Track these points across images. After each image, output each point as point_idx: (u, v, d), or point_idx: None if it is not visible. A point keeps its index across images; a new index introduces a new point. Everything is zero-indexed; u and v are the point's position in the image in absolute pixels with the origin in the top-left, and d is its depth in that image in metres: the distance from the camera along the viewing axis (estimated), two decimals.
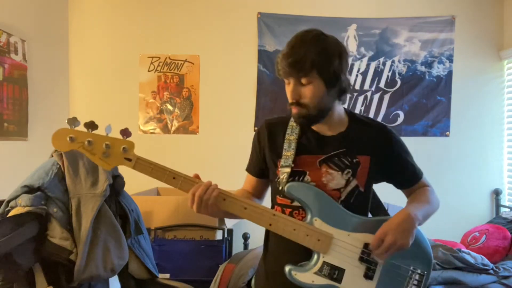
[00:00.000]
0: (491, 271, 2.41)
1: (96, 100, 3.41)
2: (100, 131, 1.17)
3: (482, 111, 3.37)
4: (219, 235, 2.72)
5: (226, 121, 3.38)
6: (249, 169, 1.40)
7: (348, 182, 1.23)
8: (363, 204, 1.28)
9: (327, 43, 1.18)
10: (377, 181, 1.32)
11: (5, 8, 2.64)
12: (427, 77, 3.36)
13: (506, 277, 2.38)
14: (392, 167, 1.29)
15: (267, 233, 1.34)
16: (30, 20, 2.89)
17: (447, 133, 3.36)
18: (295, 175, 1.23)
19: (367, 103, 3.37)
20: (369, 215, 1.32)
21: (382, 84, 3.37)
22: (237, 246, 2.95)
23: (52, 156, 1.86)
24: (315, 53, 1.15)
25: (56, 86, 3.24)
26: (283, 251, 1.26)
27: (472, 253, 2.50)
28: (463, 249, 2.58)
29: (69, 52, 3.41)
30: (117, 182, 1.93)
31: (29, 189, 1.69)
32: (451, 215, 3.26)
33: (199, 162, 3.29)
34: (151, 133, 3.39)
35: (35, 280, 1.65)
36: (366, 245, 1.19)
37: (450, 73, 3.35)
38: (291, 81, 1.20)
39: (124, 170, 2.05)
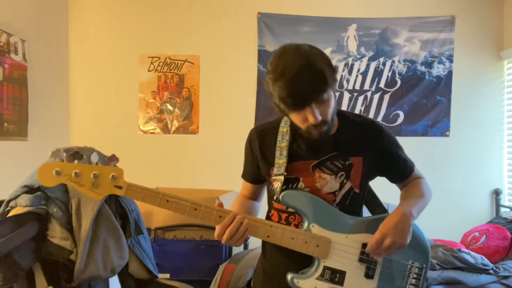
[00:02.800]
0: (491, 271, 2.41)
1: (96, 100, 3.41)
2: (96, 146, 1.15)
3: (482, 111, 3.37)
4: None
5: (226, 121, 3.38)
6: (244, 177, 1.40)
7: (342, 184, 1.23)
8: (358, 205, 1.29)
9: (320, 52, 1.13)
10: (371, 178, 1.33)
11: (5, 8, 2.64)
12: (427, 77, 3.36)
13: (506, 277, 2.38)
14: (384, 163, 1.30)
15: None
16: (30, 20, 2.89)
17: (447, 133, 3.36)
18: (288, 182, 1.23)
19: (367, 103, 3.37)
20: (367, 211, 1.34)
21: (382, 84, 3.37)
22: None
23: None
24: (323, 63, 1.09)
25: (56, 86, 3.24)
26: (281, 255, 1.26)
27: (472, 253, 2.50)
28: (463, 249, 2.58)
29: (69, 52, 3.41)
30: None
31: (29, 189, 1.69)
32: (451, 215, 3.27)
33: (199, 162, 3.29)
34: (151, 133, 3.39)
35: (35, 280, 1.65)
36: (364, 246, 1.20)
37: (450, 73, 3.35)
38: (309, 109, 1.10)
39: (124, 170, 2.05)
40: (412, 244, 1.22)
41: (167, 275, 2.52)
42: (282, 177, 1.22)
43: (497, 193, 3.32)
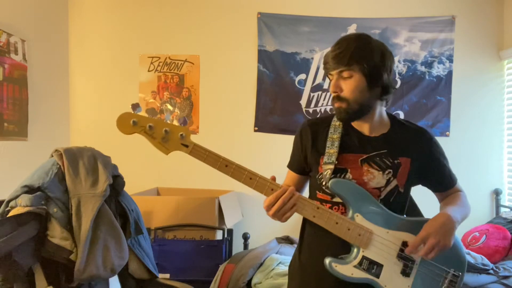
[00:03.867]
0: (491, 271, 2.41)
1: (96, 100, 3.41)
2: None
3: (482, 111, 3.37)
4: (219, 235, 2.72)
5: (226, 121, 3.38)
6: (290, 166, 1.44)
7: (388, 182, 1.27)
8: (401, 204, 1.32)
9: (370, 41, 1.25)
10: (415, 183, 1.36)
11: (5, 8, 2.65)
12: (427, 77, 3.36)
13: (506, 277, 2.38)
14: (430, 171, 1.34)
15: (303, 226, 1.38)
16: (30, 20, 2.89)
17: (447, 133, 3.36)
18: (337, 172, 1.27)
19: None
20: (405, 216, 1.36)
21: None
22: (237, 246, 2.96)
23: (52, 156, 1.86)
24: (355, 47, 1.21)
25: (56, 86, 3.25)
26: (318, 244, 1.30)
27: (472, 253, 2.50)
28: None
29: (69, 52, 3.41)
30: (117, 182, 1.93)
31: (29, 189, 1.69)
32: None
33: (199, 162, 3.28)
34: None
35: (35, 280, 1.65)
36: (404, 243, 1.23)
37: (450, 73, 3.35)
38: (334, 75, 1.24)
39: (124, 170, 2.06)
40: (451, 251, 1.24)
41: (167, 275, 2.52)
42: (332, 166, 1.26)
43: (497, 193, 3.32)
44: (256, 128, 3.37)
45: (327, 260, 1.22)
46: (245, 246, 2.98)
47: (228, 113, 3.39)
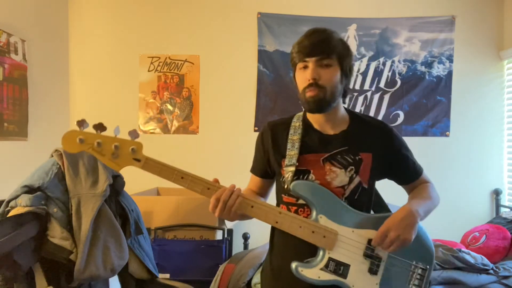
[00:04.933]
0: (491, 271, 2.41)
1: (96, 100, 3.41)
2: (109, 132, 1.19)
3: (482, 111, 3.37)
4: (219, 235, 2.72)
5: (226, 121, 3.38)
6: (253, 170, 1.43)
7: (351, 179, 1.25)
8: (366, 201, 1.30)
9: (342, 38, 1.27)
10: (379, 178, 1.35)
11: (5, 8, 2.64)
12: (427, 77, 3.36)
13: (506, 277, 2.38)
14: (393, 164, 1.32)
15: (273, 231, 1.36)
16: (30, 20, 2.89)
17: (447, 133, 3.36)
18: (299, 173, 1.26)
19: (367, 103, 3.37)
20: (371, 212, 1.35)
21: (382, 84, 3.37)
22: (237, 246, 2.96)
23: (52, 156, 1.86)
24: (337, 40, 1.23)
25: (56, 86, 3.25)
26: (288, 248, 1.28)
27: (472, 253, 2.50)
28: (463, 249, 2.58)
29: (69, 52, 3.41)
30: (117, 182, 1.93)
31: (29, 189, 1.69)
32: (451, 215, 3.27)
33: (199, 162, 3.28)
34: (151, 133, 3.39)
35: (35, 280, 1.65)
36: (370, 241, 1.22)
37: (450, 73, 3.35)
38: (310, 62, 1.21)
39: (124, 170, 2.05)
40: (417, 245, 1.23)
41: (167, 275, 2.52)
42: (293, 168, 1.24)
43: (497, 193, 3.32)
44: (256, 128, 3.37)
45: (293, 265, 1.20)
46: (245, 246, 2.98)
47: (228, 113, 3.39)
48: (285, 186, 1.26)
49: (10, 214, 1.64)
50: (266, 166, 1.37)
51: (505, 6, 3.34)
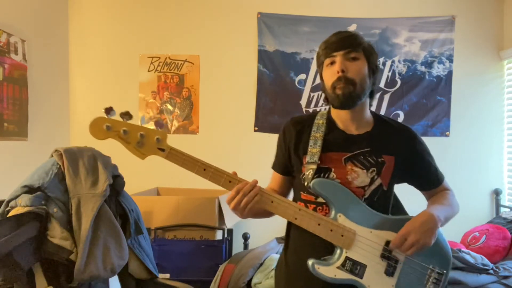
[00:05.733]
0: (491, 271, 2.41)
1: (96, 100, 3.41)
2: (135, 121, 1.19)
3: (482, 111, 3.37)
4: (219, 235, 2.72)
5: (226, 121, 3.38)
6: (275, 167, 1.42)
7: (372, 180, 1.25)
8: (385, 203, 1.30)
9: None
10: (399, 181, 1.35)
11: (5, 8, 2.64)
12: (427, 77, 3.36)
13: (506, 277, 2.38)
14: (415, 168, 1.32)
15: (289, 228, 1.36)
16: (30, 20, 2.89)
17: (447, 133, 3.36)
18: (320, 171, 1.25)
19: None
20: (390, 214, 1.35)
21: (382, 84, 3.37)
22: (237, 246, 2.96)
23: (52, 156, 1.86)
24: (362, 38, 1.27)
25: (56, 86, 3.25)
26: (304, 245, 1.28)
27: (472, 253, 2.50)
28: (463, 249, 2.58)
29: (69, 52, 3.41)
30: (117, 182, 1.93)
31: (29, 189, 1.69)
32: (454, 216, 3.26)
33: None
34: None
35: (35, 280, 1.65)
36: (387, 243, 1.22)
37: (450, 73, 3.35)
38: (338, 56, 1.23)
39: (124, 170, 2.05)
40: (435, 250, 1.23)
41: (167, 275, 2.51)
42: (315, 165, 1.24)
43: (497, 193, 3.32)
44: (256, 128, 3.37)
45: (310, 262, 1.20)
46: (245, 246, 2.98)
47: (228, 113, 3.39)
48: (306, 184, 1.25)
49: (10, 214, 1.64)
50: (288, 163, 1.35)
51: (505, 6, 3.34)
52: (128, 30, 3.40)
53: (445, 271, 1.26)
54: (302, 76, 3.35)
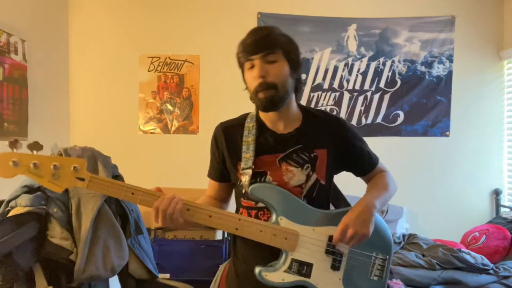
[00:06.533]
0: (491, 271, 2.41)
1: (96, 100, 3.41)
2: (46, 151, 1.10)
3: (482, 111, 3.37)
4: (219, 235, 2.72)
5: None
6: (210, 175, 1.41)
7: (308, 177, 1.25)
8: (325, 197, 1.30)
9: (283, 32, 1.25)
10: (336, 172, 1.34)
11: (5, 8, 2.64)
12: (427, 77, 3.36)
13: (506, 277, 2.38)
14: (348, 156, 1.32)
15: (234, 237, 1.34)
16: (30, 20, 2.89)
17: (447, 133, 3.36)
18: (256, 176, 1.24)
19: (367, 103, 3.37)
20: (331, 206, 1.35)
21: (382, 84, 3.37)
22: None
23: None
24: (280, 34, 1.22)
25: (56, 86, 3.24)
26: (251, 252, 1.27)
27: (472, 253, 2.50)
28: (463, 249, 2.58)
29: (69, 52, 3.41)
30: None
31: (29, 189, 1.69)
32: (451, 215, 3.27)
33: (199, 162, 3.27)
34: (151, 133, 3.39)
35: (35, 280, 1.65)
36: (330, 238, 1.22)
37: (450, 73, 3.35)
38: (256, 60, 1.20)
39: (124, 170, 2.05)
40: (376, 237, 1.24)
41: (167, 275, 2.52)
42: (250, 171, 1.23)
43: (497, 193, 3.32)
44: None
45: (257, 270, 1.19)
46: None
47: (228, 113, 3.35)
48: (243, 191, 1.24)
49: (10, 214, 1.64)
50: (223, 170, 1.34)
51: (505, 6, 3.34)
52: (128, 30, 3.40)
53: (387, 256, 1.28)
54: (302, 76, 3.34)
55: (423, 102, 3.36)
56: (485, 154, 3.37)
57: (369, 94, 3.37)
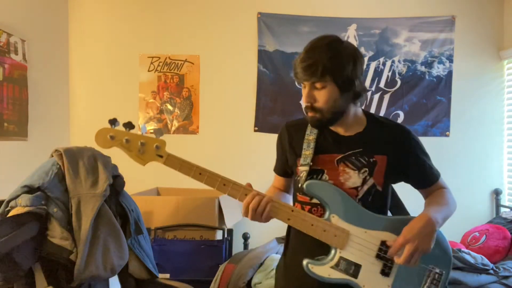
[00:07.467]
0: (491, 271, 2.41)
1: (96, 100, 3.41)
2: (136, 130, 1.30)
3: (482, 111, 3.37)
4: (219, 235, 2.72)
5: (226, 121, 3.38)
6: (275, 170, 1.48)
7: (364, 181, 1.26)
8: (381, 203, 1.31)
9: (341, 49, 1.22)
10: (395, 181, 1.35)
11: (5, 8, 2.64)
12: (427, 77, 3.36)
13: (506, 277, 2.38)
14: (409, 167, 1.32)
15: (289, 228, 1.38)
16: (30, 20, 2.89)
17: (447, 133, 3.36)
18: (313, 173, 1.28)
19: (367, 103, 3.37)
20: (389, 213, 1.35)
21: (382, 84, 3.37)
22: (237, 246, 2.96)
23: (52, 156, 1.86)
24: (327, 58, 1.19)
25: (56, 86, 3.25)
26: (302, 245, 1.30)
27: (472, 253, 2.50)
28: (463, 249, 2.58)
29: (69, 52, 3.41)
30: (117, 182, 1.93)
31: (29, 189, 1.69)
32: (451, 215, 3.26)
33: (199, 162, 3.26)
34: (151, 133, 3.38)
35: (35, 280, 1.65)
36: (383, 243, 1.22)
37: (450, 73, 3.35)
38: (306, 85, 1.25)
39: (124, 170, 2.05)
40: (435, 250, 1.22)
41: (167, 275, 2.51)
42: (307, 167, 1.27)
43: (497, 193, 3.32)
44: (256, 128, 3.37)
45: (304, 262, 1.22)
46: (245, 246, 2.98)
47: (228, 113, 3.39)
48: (299, 185, 1.28)
49: (10, 214, 1.64)
50: (286, 166, 1.41)
51: (505, 6, 3.34)
52: (128, 30, 3.40)
53: (444, 272, 1.26)
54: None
55: (423, 102, 3.36)
56: (485, 154, 3.36)
57: (369, 94, 3.37)
